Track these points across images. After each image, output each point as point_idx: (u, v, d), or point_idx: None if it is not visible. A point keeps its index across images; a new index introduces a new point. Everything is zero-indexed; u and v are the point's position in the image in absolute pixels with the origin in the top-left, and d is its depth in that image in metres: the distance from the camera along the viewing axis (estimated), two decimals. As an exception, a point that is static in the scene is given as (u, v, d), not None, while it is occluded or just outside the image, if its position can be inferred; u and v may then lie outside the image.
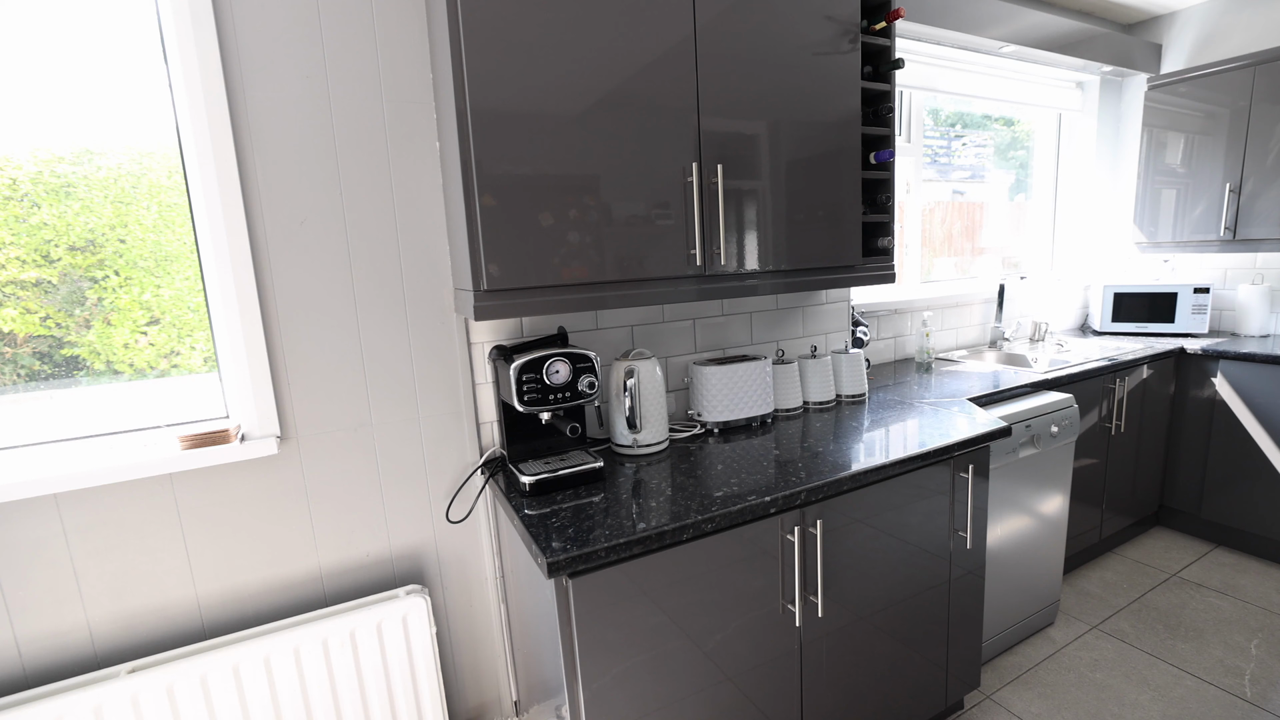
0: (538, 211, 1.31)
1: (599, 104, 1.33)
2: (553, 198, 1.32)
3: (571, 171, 1.33)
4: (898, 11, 1.76)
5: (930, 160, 2.99)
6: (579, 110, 1.32)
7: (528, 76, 1.26)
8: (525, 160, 1.28)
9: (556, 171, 1.31)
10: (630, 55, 1.36)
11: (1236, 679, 1.97)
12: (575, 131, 1.32)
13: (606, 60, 1.34)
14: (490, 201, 1.26)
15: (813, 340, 2.13)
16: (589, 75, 1.32)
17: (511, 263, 1.29)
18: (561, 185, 1.33)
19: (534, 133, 1.28)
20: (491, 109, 1.24)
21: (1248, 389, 2.58)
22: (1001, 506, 1.94)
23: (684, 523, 1.23)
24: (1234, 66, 2.73)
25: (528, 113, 1.27)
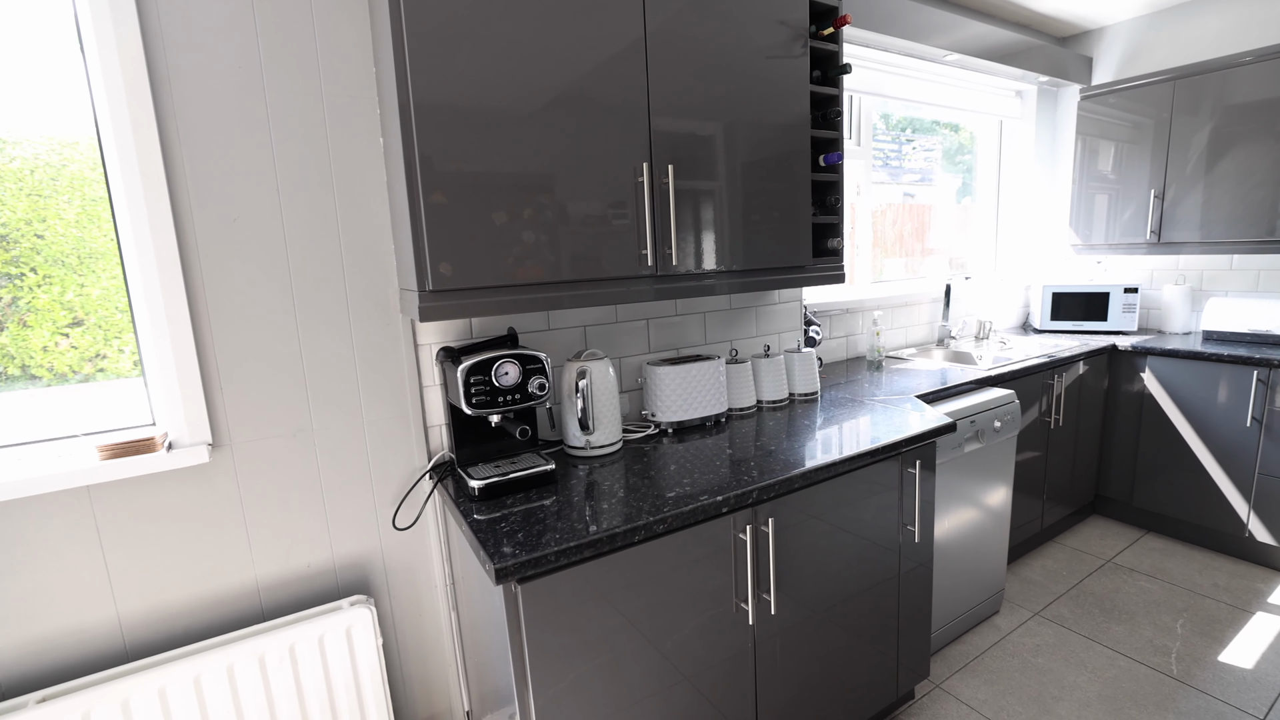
0: (485, 210, 1.28)
1: (551, 102, 1.31)
2: (501, 196, 1.29)
3: (522, 170, 1.31)
4: (845, 18, 1.79)
5: (882, 163, 3.07)
6: (530, 108, 1.29)
7: (475, 72, 1.23)
8: (472, 157, 1.25)
9: (506, 169, 1.29)
10: (581, 54, 1.35)
11: (1164, 657, 2.07)
12: (526, 129, 1.30)
13: (557, 58, 1.32)
14: (435, 200, 1.22)
15: (766, 340, 2.16)
16: (540, 73, 1.30)
17: (457, 263, 1.26)
18: (511, 184, 1.30)
19: (482, 129, 1.25)
20: (437, 104, 1.20)
21: (1172, 383, 2.73)
22: (948, 500, 2.00)
23: (636, 524, 1.22)
24: (1156, 80, 2.89)
25: (476, 109, 1.24)
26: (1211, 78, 2.72)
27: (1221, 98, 2.71)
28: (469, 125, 1.24)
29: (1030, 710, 1.87)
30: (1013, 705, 1.89)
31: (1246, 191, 2.67)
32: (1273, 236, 2.61)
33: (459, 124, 1.23)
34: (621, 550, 1.22)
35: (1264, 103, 2.60)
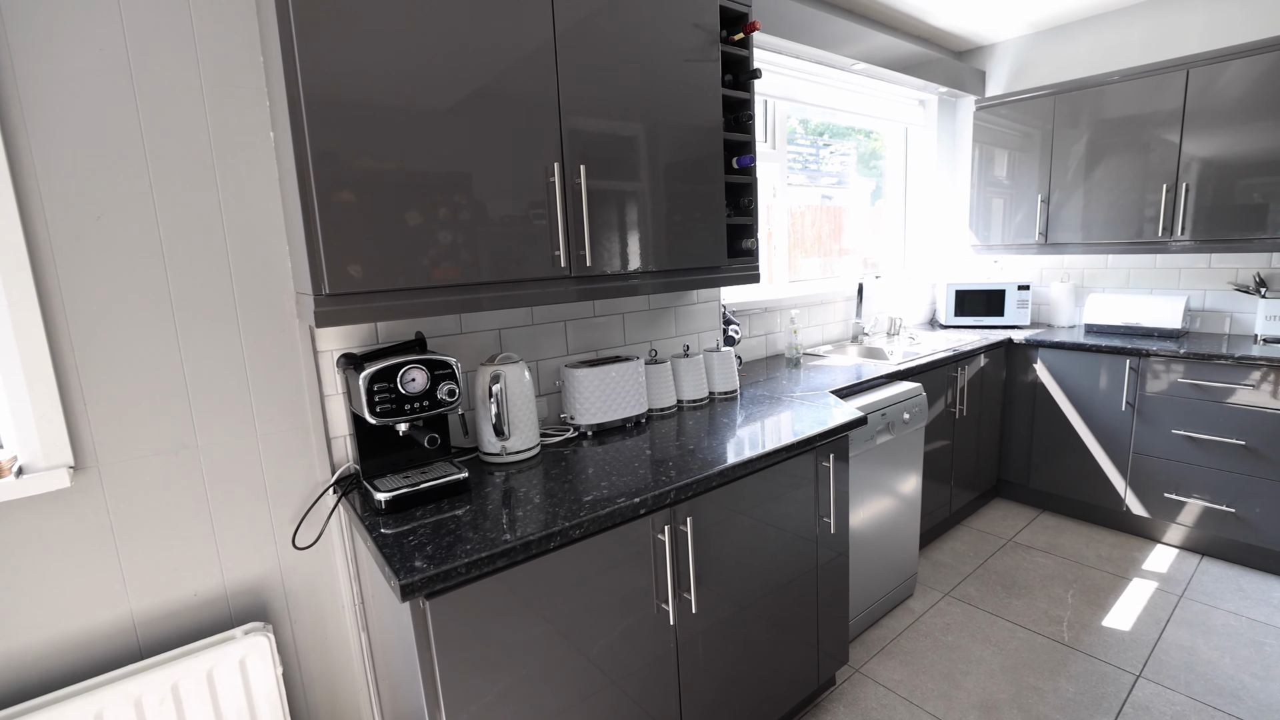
0: (387, 210, 1.22)
1: (458, 100, 1.27)
2: (406, 195, 1.23)
3: (428, 168, 1.25)
4: (754, 24, 1.83)
5: (801, 166, 3.17)
6: (435, 105, 1.24)
7: (375, 66, 1.17)
8: (371, 154, 1.18)
9: (410, 167, 1.23)
10: (489, 51, 1.31)
11: (1057, 626, 2.23)
12: (430, 126, 1.24)
13: (463, 55, 1.27)
14: (330, 199, 1.15)
15: (686, 339, 2.17)
16: (445, 70, 1.25)
17: (356, 265, 1.19)
18: (418, 182, 1.25)
19: (381, 125, 1.19)
20: (330, 98, 1.13)
21: (1060, 373, 2.95)
22: (863, 490, 2.08)
23: (551, 531, 1.19)
24: (1040, 94, 3.12)
25: (375, 104, 1.18)
26: (1087, 94, 2.97)
27: (1095, 112, 2.96)
28: (367, 120, 1.18)
29: (941, 686, 1.97)
30: (925, 683, 1.98)
31: (1117, 197, 2.93)
32: (1140, 239, 2.88)
33: (356, 119, 1.16)
34: (538, 558, 1.19)
35: (1131, 118, 2.85)
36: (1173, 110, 2.74)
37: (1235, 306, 2.91)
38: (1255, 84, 2.54)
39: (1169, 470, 2.68)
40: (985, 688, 1.96)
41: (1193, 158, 2.71)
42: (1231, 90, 2.59)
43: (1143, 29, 3.02)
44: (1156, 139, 2.79)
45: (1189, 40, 2.91)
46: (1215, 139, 2.65)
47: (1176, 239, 2.78)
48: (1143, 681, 1.96)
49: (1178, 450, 2.65)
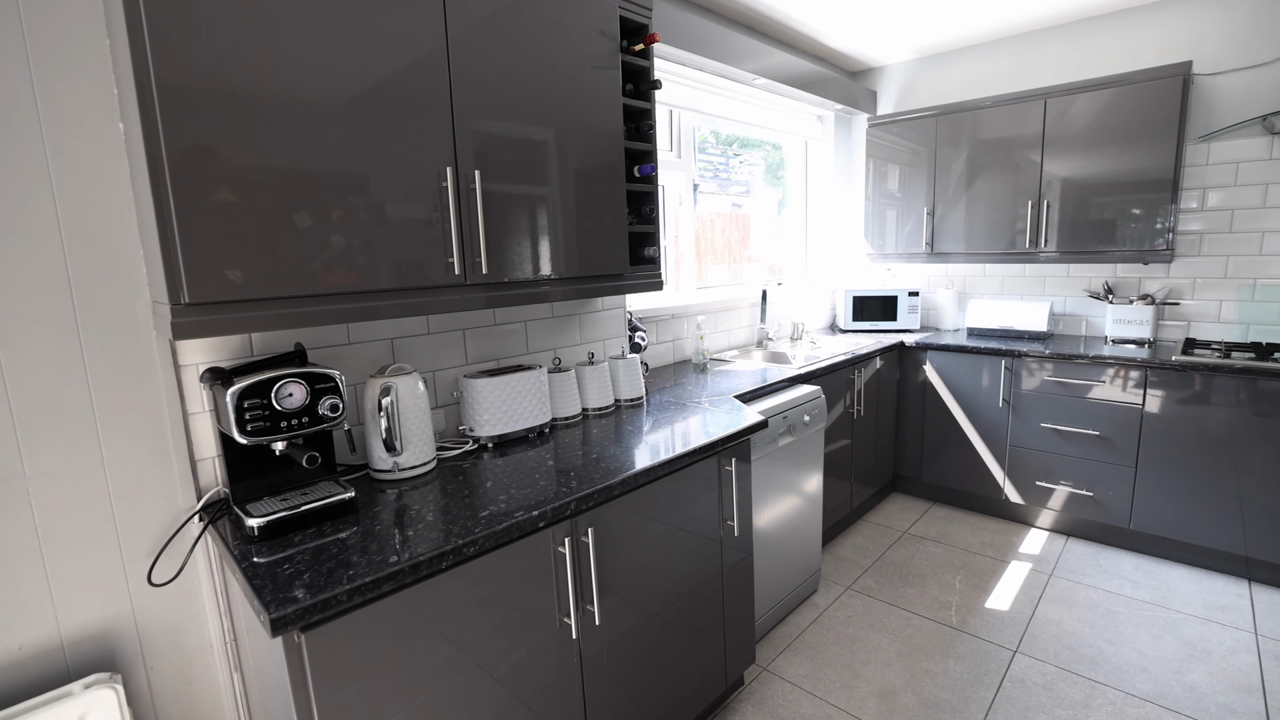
0: (262, 211, 1.13)
1: (343, 95, 1.19)
2: (286, 196, 1.15)
3: (304, 167, 1.17)
4: (653, 36, 1.85)
5: (713, 175, 3.24)
6: (316, 100, 1.16)
7: (244, 54, 1.08)
8: (241, 151, 1.09)
9: (287, 165, 1.15)
10: (376, 46, 1.24)
11: (946, 611, 2.39)
12: (310, 123, 1.16)
13: (348, 48, 1.20)
14: (192, 198, 1.05)
15: (591, 347, 2.16)
16: (328, 62, 1.18)
17: (224, 271, 1.09)
18: (294, 182, 1.16)
19: (251, 120, 1.10)
20: (190, 87, 1.04)
21: (946, 373, 3.17)
22: (767, 492, 2.13)
23: (443, 550, 1.14)
24: (924, 115, 3.36)
25: (245, 96, 1.09)
26: (965, 116, 3.22)
27: (973, 133, 3.21)
28: (236, 113, 1.08)
29: (843, 677, 2.05)
30: (829, 676, 2.06)
31: (992, 212, 3.19)
32: (1013, 250, 3.14)
33: (221, 111, 1.07)
34: (430, 579, 1.14)
35: (1002, 139, 3.12)
36: (1035, 134, 3.02)
37: (1090, 311, 3.24)
38: (1100, 114, 2.84)
39: (1040, 460, 2.94)
40: (883, 675, 2.06)
41: (1053, 177, 2.99)
42: (1082, 119, 2.89)
43: (1009, 60, 3.32)
44: (1024, 159, 3.06)
45: (1046, 73, 3.22)
46: (1071, 161, 2.94)
47: (1043, 250, 3.06)
48: (1019, 656, 2.12)
49: (1046, 442, 2.90)
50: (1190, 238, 2.92)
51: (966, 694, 1.96)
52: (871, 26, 3.08)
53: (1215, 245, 2.88)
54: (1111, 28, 3.03)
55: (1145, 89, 2.73)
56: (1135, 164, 2.78)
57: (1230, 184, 2.82)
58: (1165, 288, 3.02)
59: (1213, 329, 2.92)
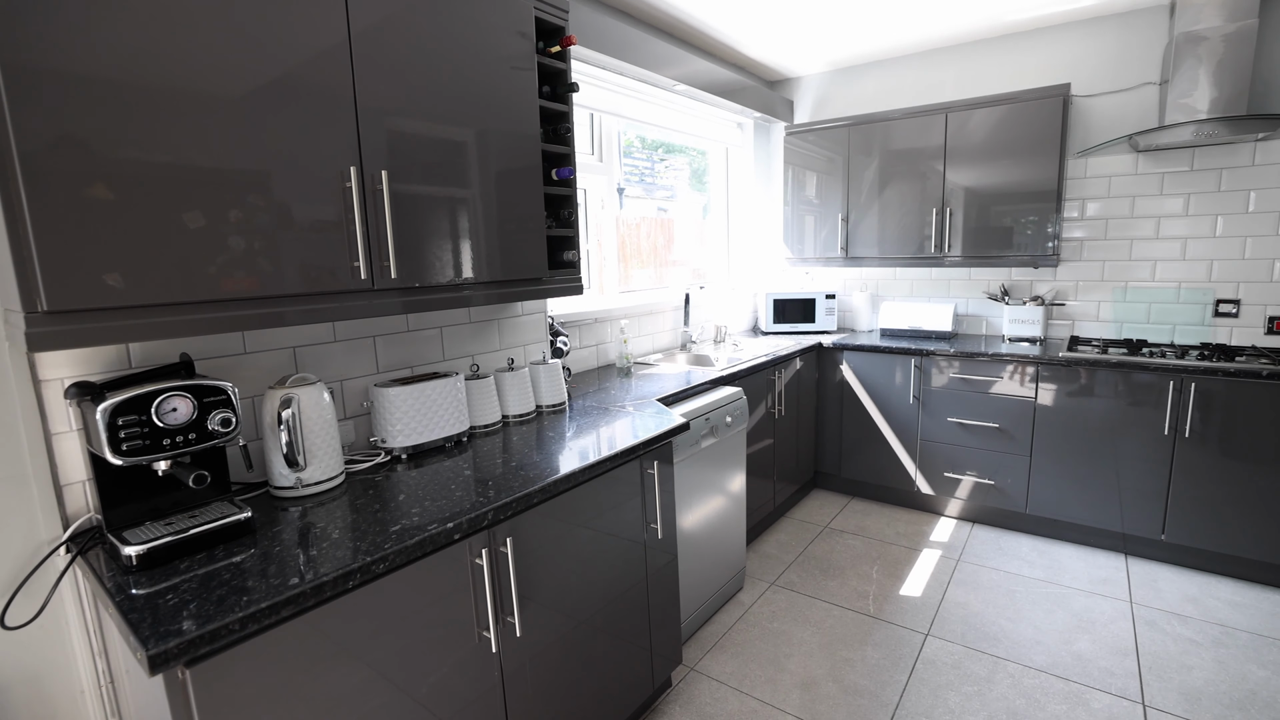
0: (142, 210, 1.04)
1: (238, 87, 1.11)
2: (168, 194, 1.06)
3: (198, 163, 1.09)
4: (570, 38, 1.85)
5: (638, 179, 3.25)
6: (207, 91, 1.08)
7: (113, 37, 0.99)
8: (114, 143, 1.00)
9: (169, 161, 1.06)
10: (273, 37, 1.17)
11: (864, 601, 2.49)
12: (197, 117, 1.08)
13: (241, 38, 1.13)
14: (51, 195, 0.96)
15: (511, 353, 2.12)
16: (218, 50, 1.10)
17: (95, 275, 1.00)
18: (184, 179, 1.08)
19: (126, 110, 1.01)
20: (51, 70, 0.94)
21: (861, 372, 3.32)
22: (691, 493, 2.16)
23: (350, 568, 1.08)
24: (838, 125, 3.50)
25: (117, 83, 1.00)
26: (875, 127, 3.38)
27: (883, 143, 3.38)
28: (100, 102, 0.99)
29: (768, 671, 2.10)
30: (754, 671, 2.10)
31: (901, 218, 3.37)
32: (921, 254, 3.33)
33: (86, 99, 0.98)
34: (337, 600, 1.08)
35: (910, 150, 3.30)
36: (938, 146, 3.21)
37: (989, 312, 3.47)
38: (994, 129, 3.05)
39: (947, 452, 3.12)
40: (806, 667, 2.12)
41: (955, 186, 3.19)
42: (978, 133, 3.09)
43: (914, 76, 3.52)
44: (929, 169, 3.25)
45: (947, 89, 3.43)
46: (970, 172, 3.14)
47: (948, 255, 3.25)
48: (930, 639, 2.24)
49: (953, 435, 3.09)
50: (1073, 244, 3.19)
51: (883, 678, 2.05)
52: (787, 38, 3.19)
53: (1093, 251, 3.15)
54: (1001, 50, 3.26)
55: (1031, 107, 2.95)
56: (1025, 176, 3.01)
57: (1104, 196, 3.09)
58: (1053, 290, 3.28)
59: (1093, 327, 3.20)
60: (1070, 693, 1.97)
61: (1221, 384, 2.47)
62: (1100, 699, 1.94)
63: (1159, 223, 2.99)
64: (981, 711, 1.90)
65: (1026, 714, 1.88)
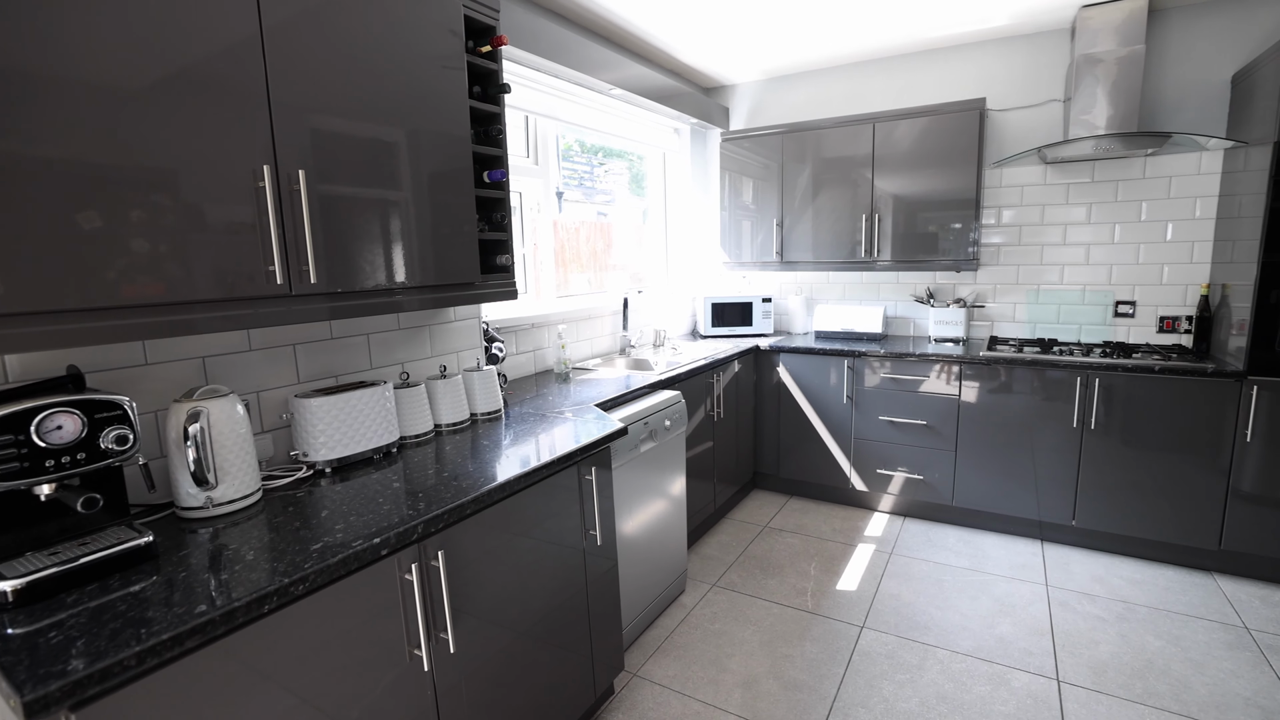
0: (22, 210, 0.95)
1: (133, 79, 1.03)
2: (56, 191, 0.97)
3: (92, 159, 1.01)
4: (501, 38, 1.81)
5: (578, 183, 3.23)
6: (96, 80, 1.00)
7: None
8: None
9: (57, 155, 0.98)
10: (169, 25, 1.09)
11: (803, 597, 2.55)
12: (91, 109, 1.00)
13: (130, 23, 1.04)
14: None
15: (443, 360, 2.06)
16: (101, 37, 1.01)
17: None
18: (76, 175, 0.99)
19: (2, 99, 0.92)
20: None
21: (798, 374, 3.40)
22: (631, 498, 2.15)
23: (265, 591, 1.02)
24: (772, 132, 3.59)
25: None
26: (808, 135, 3.48)
27: (816, 151, 3.48)
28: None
29: (710, 672, 2.11)
30: (696, 673, 2.11)
31: (834, 224, 3.48)
32: (852, 259, 3.44)
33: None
34: (252, 625, 1.01)
35: (841, 158, 3.41)
36: (866, 155, 3.33)
37: (916, 314, 3.63)
38: (918, 139, 3.20)
39: (879, 450, 3.24)
40: (747, 665, 2.14)
41: (884, 193, 3.32)
42: (903, 143, 3.23)
43: (844, 86, 3.64)
44: (859, 176, 3.37)
45: (874, 99, 3.57)
46: (897, 180, 3.28)
47: (878, 260, 3.38)
48: (866, 631, 2.31)
49: (884, 433, 3.20)
50: (991, 249, 3.37)
51: (821, 672, 2.10)
52: (721, 46, 3.24)
53: (1009, 256, 3.34)
54: (924, 65, 3.42)
55: (951, 119, 3.11)
56: (947, 184, 3.16)
57: (1018, 204, 3.29)
58: (974, 292, 3.45)
59: (1011, 327, 3.39)
60: (993, 674, 2.07)
61: (1121, 379, 2.66)
62: (1020, 678, 2.05)
63: (1066, 229, 3.20)
64: (914, 698, 1.97)
65: (954, 697, 1.97)
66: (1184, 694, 1.96)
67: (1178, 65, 2.89)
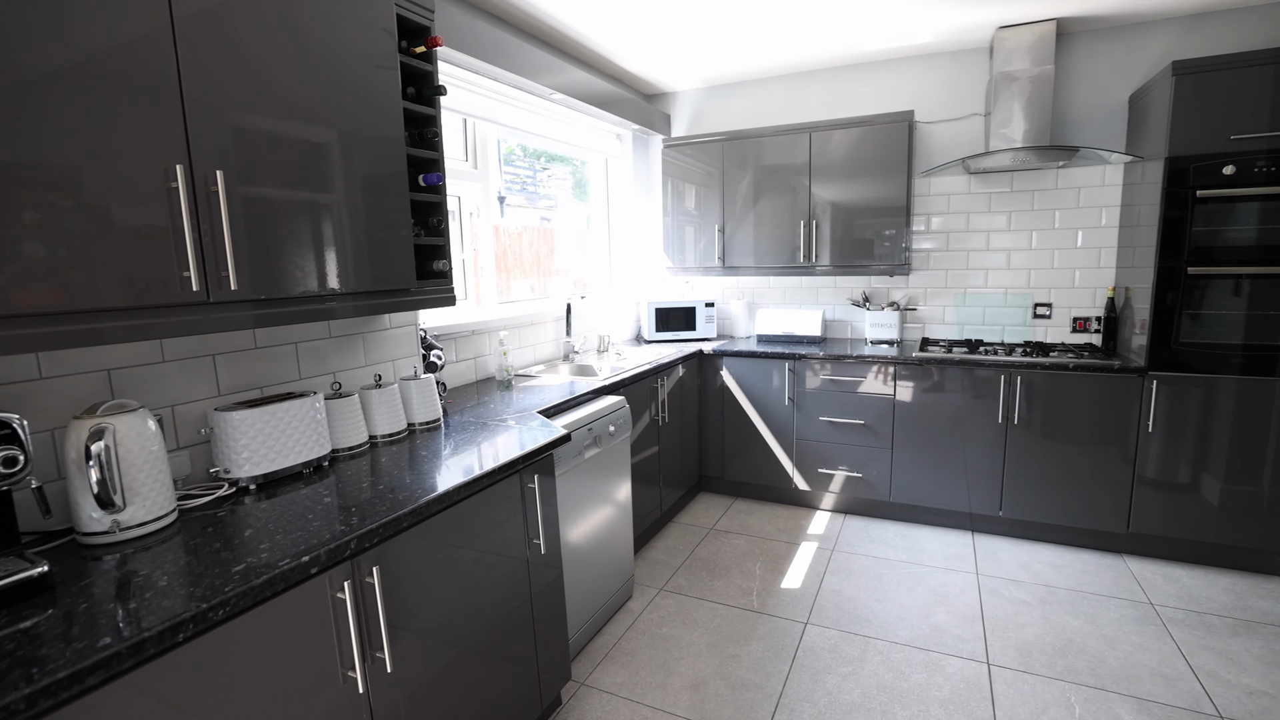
0: None
1: (24, 68, 0.95)
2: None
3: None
4: (436, 39, 1.77)
5: (520, 188, 3.19)
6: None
7: None
8: None
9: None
10: (67, 12, 1.01)
11: (749, 597, 2.58)
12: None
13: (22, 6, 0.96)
14: None
15: (378, 368, 1.99)
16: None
17: None
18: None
19: None
20: None
21: (741, 377, 3.46)
22: (576, 505, 2.13)
23: (179, 618, 0.95)
24: (713, 140, 3.65)
25: None
26: (748, 142, 3.56)
27: (756, 158, 3.55)
28: None
29: (658, 676, 2.11)
30: (645, 678, 2.11)
31: (774, 229, 3.56)
32: (792, 264, 3.53)
33: None
34: (165, 656, 0.94)
35: (780, 166, 3.50)
36: (804, 163, 3.43)
37: (853, 317, 3.75)
38: (852, 149, 3.32)
39: (820, 449, 3.32)
40: (694, 668, 2.16)
41: (821, 201, 3.42)
42: (839, 152, 3.34)
43: (782, 96, 3.74)
44: (798, 184, 3.46)
45: (811, 109, 3.68)
46: (833, 187, 3.39)
47: (817, 265, 3.48)
48: (809, 627, 2.36)
49: (825, 433, 3.29)
50: (921, 254, 3.53)
51: (767, 670, 2.13)
52: (662, 55, 3.28)
53: (939, 261, 3.50)
54: (856, 77, 3.56)
55: (882, 130, 3.24)
56: (880, 192, 3.29)
57: (945, 211, 3.45)
58: (906, 296, 3.60)
59: (941, 329, 3.55)
60: (929, 661, 2.15)
61: (1040, 377, 2.83)
62: (954, 663, 2.14)
63: (989, 236, 3.38)
64: (856, 689, 2.02)
65: (894, 686, 2.03)
66: (1099, 668, 2.09)
67: (1083, 85, 3.11)
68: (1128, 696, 1.97)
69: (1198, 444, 2.63)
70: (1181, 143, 2.52)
